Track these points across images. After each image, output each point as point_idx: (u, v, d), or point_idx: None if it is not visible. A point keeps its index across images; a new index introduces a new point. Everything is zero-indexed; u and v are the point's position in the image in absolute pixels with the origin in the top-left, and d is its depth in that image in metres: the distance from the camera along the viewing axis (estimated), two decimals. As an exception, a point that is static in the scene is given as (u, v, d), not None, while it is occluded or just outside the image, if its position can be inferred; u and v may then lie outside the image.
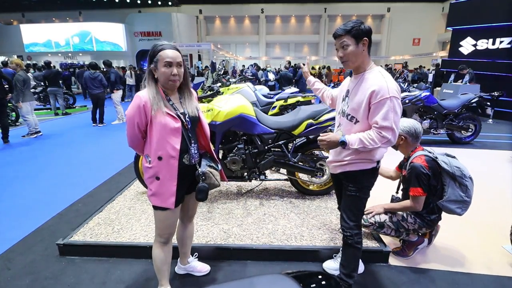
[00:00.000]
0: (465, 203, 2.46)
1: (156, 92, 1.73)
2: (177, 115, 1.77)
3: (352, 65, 1.84)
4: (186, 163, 1.85)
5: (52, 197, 3.94)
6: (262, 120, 3.37)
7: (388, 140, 1.72)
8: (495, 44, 10.84)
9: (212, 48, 17.73)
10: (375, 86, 1.72)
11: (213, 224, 2.98)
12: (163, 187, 1.79)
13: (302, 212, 3.24)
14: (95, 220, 3.08)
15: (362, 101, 1.78)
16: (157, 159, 1.76)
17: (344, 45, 1.79)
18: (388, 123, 1.69)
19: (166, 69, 1.69)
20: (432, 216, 2.55)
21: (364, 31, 1.76)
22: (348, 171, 1.98)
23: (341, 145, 1.84)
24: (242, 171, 3.49)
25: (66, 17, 30.44)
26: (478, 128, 6.63)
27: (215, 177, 1.94)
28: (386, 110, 1.69)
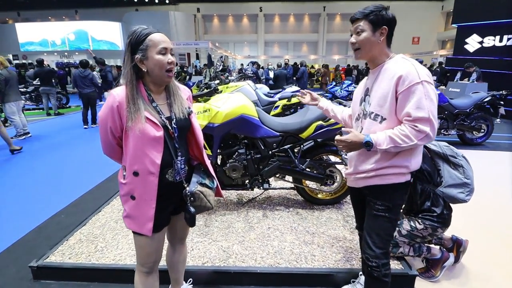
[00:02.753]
0: (466, 186, 2.19)
1: (137, 91, 1.39)
2: (160, 122, 1.42)
3: (365, 55, 1.56)
4: (170, 180, 1.50)
5: (33, 207, 3.57)
6: (266, 121, 3.01)
7: (426, 134, 1.39)
8: (502, 41, 10.51)
9: (210, 46, 17.36)
10: (401, 71, 1.42)
11: (211, 241, 2.61)
12: (139, 209, 1.45)
13: (311, 226, 2.87)
14: (77, 236, 2.71)
15: (387, 93, 1.47)
16: (132, 174, 1.41)
17: (358, 30, 1.53)
18: (423, 113, 1.38)
19: (162, 56, 1.37)
20: (438, 209, 2.22)
21: (385, 19, 1.49)
22: (375, 185, 1.61)
23: (365, 147, 1.49)
24: (243, 179, 3.12)
25: (62, 16, 30.04)
26: (490, 128, 6.30)
27: (207, 198, 1.56)
28: (418, 98, 1.39)
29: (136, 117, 1.34)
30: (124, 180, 1.44)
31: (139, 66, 1.38)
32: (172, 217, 1.66)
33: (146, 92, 1.43)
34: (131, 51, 1.38)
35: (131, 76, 1.38)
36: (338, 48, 32.61)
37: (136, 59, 1.36)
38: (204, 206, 1.55)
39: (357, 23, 1.52)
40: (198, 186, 1.53)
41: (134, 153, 1.39)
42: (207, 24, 33.07)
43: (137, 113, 1.35)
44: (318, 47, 32.24)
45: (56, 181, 4.39)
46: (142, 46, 1.36)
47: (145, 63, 1.38)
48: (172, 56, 1.42)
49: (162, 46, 1.37)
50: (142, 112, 1.36)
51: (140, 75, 1.42)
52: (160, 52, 1.37)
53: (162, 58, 1.37)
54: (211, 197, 1.59)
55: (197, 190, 1.51)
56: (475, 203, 2.38)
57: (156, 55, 1.36)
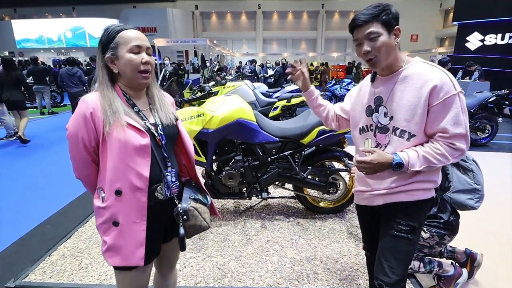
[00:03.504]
0: (476, 192, 2.01)
1: (113, 95, 1.20)
2: (145, 127, 1.22)
3: (382, 63, 1.30)
4: (160, 198, 1.28)
5: (18, 216, 3.36)
6: (264, 126, 2.81)
7: (462, 152, 1.25)
8: (504, 39, 10.33)
9: (208, 44, 17.06)
10: (434, 79, 1.22)
11: (205, 257, 2.42)
12: (126, 235, 1.21)
13: (313, 238, 2.68)
14: (60, 251, 2.52)
15: (415, 105, 1.26)
16: (114, 194, 1.19)
17: (372, 36, 1.26)
18: (461, 129, 1.22)
19: (134, 55, 1.18)
20: (445, 216, 2.04)
21: (395, 17, 1.28)
22: (399, 202, 1.39)
23: (395, 168, 1.28)
24: (241, 187, 2.93)
25: (59, 13, 29.69)
26: (495, 129, 6.14)
27: (203, 216, 1.34)
28: (456, 112, 1.22)
29: (115, 121, 1.15)
30: (104, 203, 1.21)
31: (110, 66, 1.20)
32: (162, 245, 1.43)
33: (124, 96, 1.24)
34: (102, 50, 1.20)
35: (103, 77, 1.21)
36: (336, 46, 32.43)
37: (106, 58, 1.19)
38: (200, 225, 1.33)
39: (367, 28, 1.27)
40: (192, 202, 1.32)
41: (116, 167, 1.17)
42: (205, 21, 32.78)
43: (116, 116, 1.15)
44: (317, 45, 32.03)
45: (44, 185, 4.18)
46: (112, 44, 1.18)
47: (116, 63, 1.19)
48: (148, 56, 1.22)
49: (134, 44, 1.18)
50: (121, 115, 1.16)
51: (114, 78, 1.24)
52: (132, 50, 1.18)
53: (133, 57, 1.18)
54: (206, 214, 1.38)
55: (191, 207, 1.30)
56: (485, 210, 2.20)
57: (127, 53, 1.18)
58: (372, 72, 1.44)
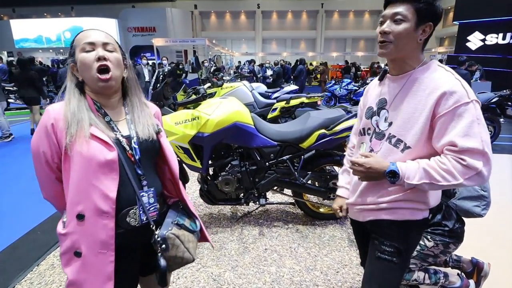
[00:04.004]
0: (483, 199, 1.89)
1: (79, 103, 1.06)
2: (114, 140, 1.07)
3: (394, 52, 1.15)
4: (133, 224, 1.09)
5: (9, 221, 3.26)
6: (262, 129, 2.71)
7: (478, 172, 1.02)
8: (505, 38, 10.27)
9: (207, 43, 16.99)
10: (443, 87, 1.07)
11: (200, 267, 2.31)
12: (90, 269, 1.03)
13: (313, 246, 2.58)
14: (49, 260, 2.42)
15: (419, 113, 1.12)
16: (75, 218, 1.02)
17: (397, 18, 1.11)
18: (475, 143, 1.02)
19: (86, 54, 1.05)
20: (450, 223, 1.93)
21: (435, 12, 1.11)
22: (384, 219, 1.26)
23: (388, 178, 1.13)
24: (238, 193, 2.82)
25: (58, 12, 29.56)
26: (497, 130, 6.06)
27: (186, 245, 1.15)
28: (468, 122, 1.03)
29: (77, 131, 1.00)
30: (64, 229, 1.05)
31: (75, 75, 1.10)
32: (141, 278, 1.28)
33: (94, 104, 1.10)
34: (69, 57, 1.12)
35: (69, 86, 1.09)
36: (336, 45, 32.36)
37: (70, 67, 1.09)
38: (182, 257, 1.14)
39: (397, 7, 1.12)
40: (174, 228, 1.13)
41: (77, 186, 1.01)
42: (204, 21, 32.68)
43: (79, 126, 1.01)
44: (316, 44, 31.93)
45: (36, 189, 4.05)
46: (71, 50, 1.09)
47: (77, 70, 1.09)
48: (107, 52, 1.07)
49: (86, 41, 1.05)
50: (85, 124, 1.02)
51: (82, 86, 1.12)
52: (84, 49, 1.05)
53: (85, 55, 1.05)
54: (191, 244, 1.18)
55: (171, 234, 1.11)
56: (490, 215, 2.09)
57: (80, 53, 1.05)
58: (383, 71, 1.30)
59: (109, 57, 1.07)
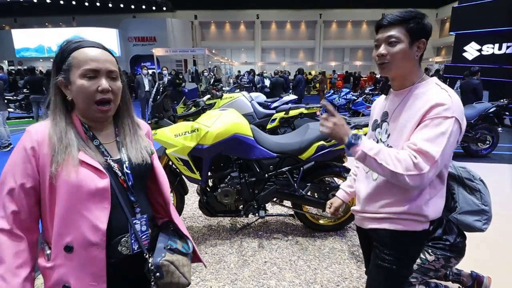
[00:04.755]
0: (484, 213, 1.90)
1: (67, 122, 0.97)
2: (105, 165, 0.99)
3: (394, 72, 1.23)
4: (125, 253, 1.02)
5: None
6: (262, 141, 2.71)
7: (420, 174, 1.08)
8: (501, 49, 10.35)
9: (207, 53, 17.07)
10: (435, 99, 1.13)
11: (199, 281, 2.29)
12: None
13: (313, 258, 2.57)
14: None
15: (410, 124, 1.18)
16: (63, 250, 0.93)
17: (392, 40, 1.18)
18: (432, 150, 1.07)
19: (86, 82, 0.95)
20: (451, 237, 1.94)
21: (425, 30, 1.19)
22: (384, 229, 1.31)
23: (346, 145, 1.18)
24: (237, 204, 2.82)
25: (59, 22, 29.81)
26: (496, 140, 6.07)
27: (181, 270, 1.07)
28: (439, 133, 1.09)
29: (65, 159, 0.92)
30: (50, 263, 0.94)
31: (64, 91, 0.99)
32: None
33: (82, 126, 1.00)
34: (56, 71, 0.98)
35: (55, 105, 0.98)
36: (334, 55, 32.59)
37: (58, 82, 0.97)
38: (177, 283, 1.06)
39: (389, 30, 1.18)
40: (167, 254, 1.05)
41: (64, 217, 0.92)
42: (204, 31, 32.95)
43: (66, 152, 0.92)
44: (315, 54, 32.17)
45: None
46: (64, 65, 0.96)
47: (69, 89, 0.97)
48: (110, 80, 0.99)
49: (89, 67, 0.94)
50: (74, 151, 0.93)
51: (69, 104, 1.01)
52: (85, 74, 0.94)
53: (86, 84, 0.94)
54: (186, 268, 1.10)
55: (165, 261, 1.03)
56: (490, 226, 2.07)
57: (79, 79, 0.94)
58: (387, 86, 1.36)
59: (113, 87, 0.99)
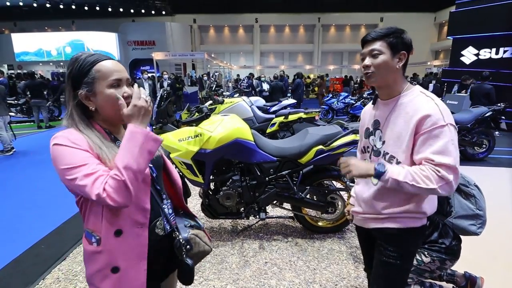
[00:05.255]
0: (478, 218, 1.98)
1: (94, 133, 1.08)
2: None
3: (379, 81, 1.36)
4: (160, 234, 1.19)
5: (11, 235, 3.30)
6: (262, 145, 2.80)
7: (448, 183, 1.21)
8: (498, 53, 10.48)
9: (206, 57, 17.19)
10: (424, 110, 1.25)
11: (202, 280, 2.37)
12: (126, 281, 1.08)
13: (312, 259, 2.65)
14: (54, 274, 2.47)
15: (405, 133, 1.30)
16: (113, 235, 1.06)
17: (375, 53, 1.33)
18: (449, 160, 1.21)
19: (114, 90, 1.07)
20: (447, 241, 2.02)
21: (404, 43, 1.33)
22: (387, 227, 1.42)
23: (374, 171, 1.29)
24: (238, 207, 2.90)
25: (59, 26, 29.89)
26: (492, 143, 6.17)
27: (204, 240, 1.29)
28: (444, 142, 1.22)
29: (113, 155, 1.03)
30: (100, 247, 1.07)
31: (85, 103, 1.08)
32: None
33: (104, 130, 1.13)
34: (73, 86, 1.08)
35: (78, 117, 1.08)
36: (333, 58, 32.75)
37: (80, 95, 1.07)
38: (203, 251, 1.28)
39: (372, 45, 1.33)
40: (190, 230, 1.27)
41: None
42: (203, 35, 33.08)
43: (110, 151, 1.06)
44: (314, 57, 32.33)
45: (39, 203, 4.12)
46: (87, 78, 1.06)
47: (92, 100, 1.08)
48: (129, 87, 1.12)
49: (115, 78, 1.07)
50: (116, 149, 1.05)
51: (88, 114, 1.12)
52: (112, 85, 1.07)
53: (115, 92, 1.07)
54: (206, 238, 1.32)
55: (192, 235, 1.25)
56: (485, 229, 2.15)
57: (107, 89, 1.06)
58: (374, 96, 1.49)
59: (131, 93, 1.10)
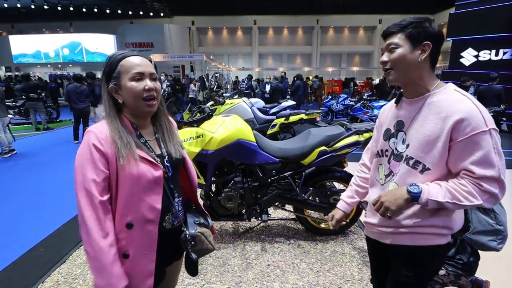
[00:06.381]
0: (499, 233, 1.85)
1: (122, 126, 1.17)
2: (155, 160, 1.21)
3: (399, 78, 1.22)
4: (168, 228, 1.28)
5: (11, 237, 3.26)
6: (264, 146, 2.78)
7: (493, 196, 1.09)
8: (498, 55, 10.51)
9: (204, 59, 17.16)
10: (460, 112, 1.10)
11: (204, 283, 2.34)
12: (136, 266, 1.18)
13: (315, 261, 2.62)
14: (54, 277, 2.43)
15: (436, 137, 1.14)
16: (125, 227, 1.16)
17: (391, 47, 1.21)
18: (493, 172, 1.07)
19: (135, 83, 1.16)
20: (465, 257, 1.91)
21: (428, 32, 1.16)
22: (405, 245, 1.27)
23: (410, 195, 1.15)
24: (240, 209, 2.87)
25: (57, 28, 29.86)
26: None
27: (208, 239, 1.35)
28: (486, 151, 1.07)
29: (128, 154, 1.12)
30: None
31: (114, 97, 1.19)
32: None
33: (131, 126, 1.21)
34: (106, 81, 1.19)
35: (109, 109, 1.18)
36: (331, 60, 32.81)
37: (110, 89, 1.18)
38: (206, 249, 1.34)
39: (390, 39, 1.22)
40: (198, 228, 1.33)
41: (128, 201, 1.15)
42: (201, 37, 33.09)
43: (128, 149, 1.13)
44: (312, 59, 32.37)
45: (38, 205, 4.08)
46: (114, 73, 1.17)
47: (119, 93, 1.18)
48: (152, 81, 1.19)
49: (136, 71, 1.15)
50: (133, 148, 1.14)
51: (119, 107, 1.21)
52: (133, 78, 1.15)
53: (135, 85, 1.15)
54: (211, 237, 1.38)
55: (198, 232, 1.31)
56: None
57: (129, 82, 1.15)
58: (398, 94, 1.35)
59: (155, 86, 1.19)
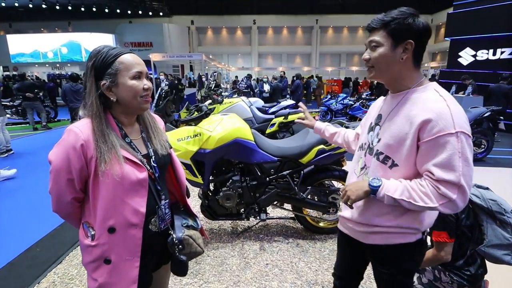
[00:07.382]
0: None
1: (106, 124, 1.11)
2: (140, 161, 1.16)
3: (380, 75, 1.21)
4: (154, 231, 1.22)
5: (7, 238, 3.24)
6: (263, 145, 2.76)
7: (451, 201, 1.06)
8: (496, 54, 10.52)
9: (204, 58, 17.12)
10: (428, 111, 1.07)
11: (202, 283, 2.32)
12: (118, 273, 1.13)
13: (314, 260, 2.60)
14: (50, 277, 2.41)
15: (404, 134, 1.13)
16: (106, 231, 1.11)
17: (372, 45, 1.17)
18: (452, 177, 1.04)
19: (136, 82, 1.13)
20: (473, 268, 1.88)
21: (411, 29, 1.11)
22: (379, 245, 1.28)
23: (371, 192, 1.17)
24: (238, 208, 2.85)
25: (55, 28, 29.74)
26: (491, 144, 6.16)
27: (197, 242, 1.29)
28: (449, 154, 1.04)
29: (111, 158, 1.07)
30: (94, 241, 1.13)
31: (106, 94, 1.12)
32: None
33: (117, 125, 1.16)
34: (96, 77, 1.11)
35: (97, 108, 1.11)
36: (331, 60, 32.81)
37: (103, 86, 1.10)
38: (195, 252, 1.29)
39: (372, 35, 1.17)
40: (185, 230, 1.27)
41: (110, 204, 1.10)
42: (201, 36, 33.04)
43: (112, 152, 1.08)
44: (311, 59, 32.37)
45: (35, 205, 4.05)
46: (110, 70, 1.10)
47: (114, 91, 1.12)
48: (148, 80, 1.18)
49: (137, 70, 1.13)
50: (118, 151, 1.09)
51: (107, 105, 1.15)
52: (134, 76, 1.12)
53: (136, 83, 1.12)
54: (200, 240, 1.33)
55: (186, 236, 1.25)
56: None
57: (130, 80, 1.11)
58: (385, 88, 1.33)
59: (150, 87, 1.18)
